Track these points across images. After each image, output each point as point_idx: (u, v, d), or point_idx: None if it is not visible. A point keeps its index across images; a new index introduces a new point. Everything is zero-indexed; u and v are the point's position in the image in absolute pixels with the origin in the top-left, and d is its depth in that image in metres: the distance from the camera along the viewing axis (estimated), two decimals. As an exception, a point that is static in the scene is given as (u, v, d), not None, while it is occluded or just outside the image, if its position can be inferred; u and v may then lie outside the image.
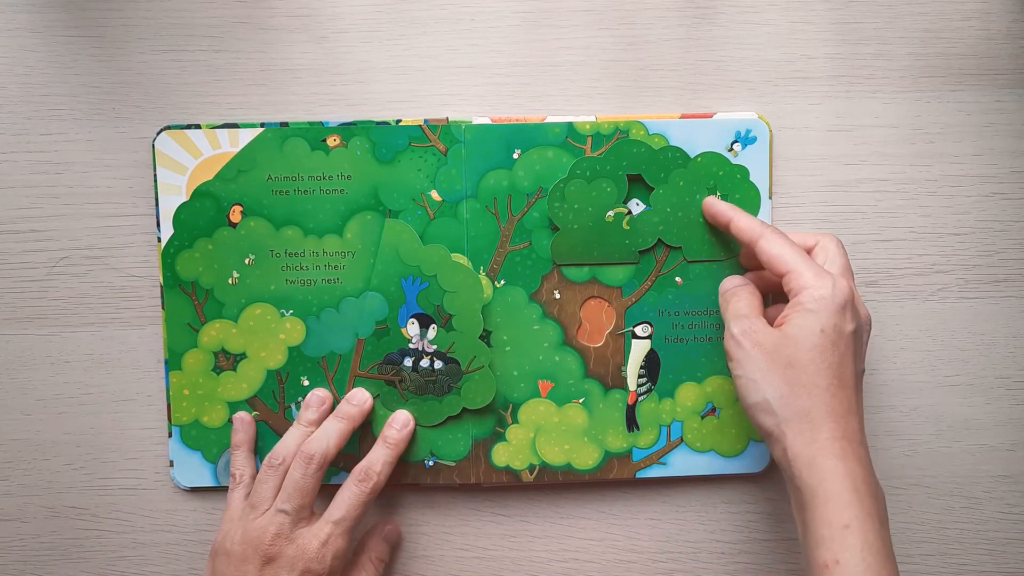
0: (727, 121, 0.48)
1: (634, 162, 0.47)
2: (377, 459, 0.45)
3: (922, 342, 0.49)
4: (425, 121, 0.47)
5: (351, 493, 0.44)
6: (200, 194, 0.47)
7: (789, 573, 0.50)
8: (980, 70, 0.49)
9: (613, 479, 0.49)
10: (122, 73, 0.48)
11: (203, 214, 0.47)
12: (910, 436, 0.50)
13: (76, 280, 0.49)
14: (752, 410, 0.40)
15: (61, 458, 0.49)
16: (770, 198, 0.48)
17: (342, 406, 0.46)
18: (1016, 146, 0.49)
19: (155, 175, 0.47)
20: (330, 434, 0.45)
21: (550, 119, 0.47)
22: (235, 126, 0.47)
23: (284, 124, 0.47)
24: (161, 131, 0.47)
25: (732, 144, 0.47)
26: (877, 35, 0.49)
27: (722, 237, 0.47)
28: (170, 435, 0.48)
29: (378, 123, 0.47)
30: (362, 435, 0.48)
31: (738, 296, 0.44)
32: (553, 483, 0.49)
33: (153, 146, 0.47)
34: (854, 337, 0.40)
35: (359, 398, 0.47)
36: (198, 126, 0.47)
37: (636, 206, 0.47)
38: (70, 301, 0.49)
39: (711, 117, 0.48)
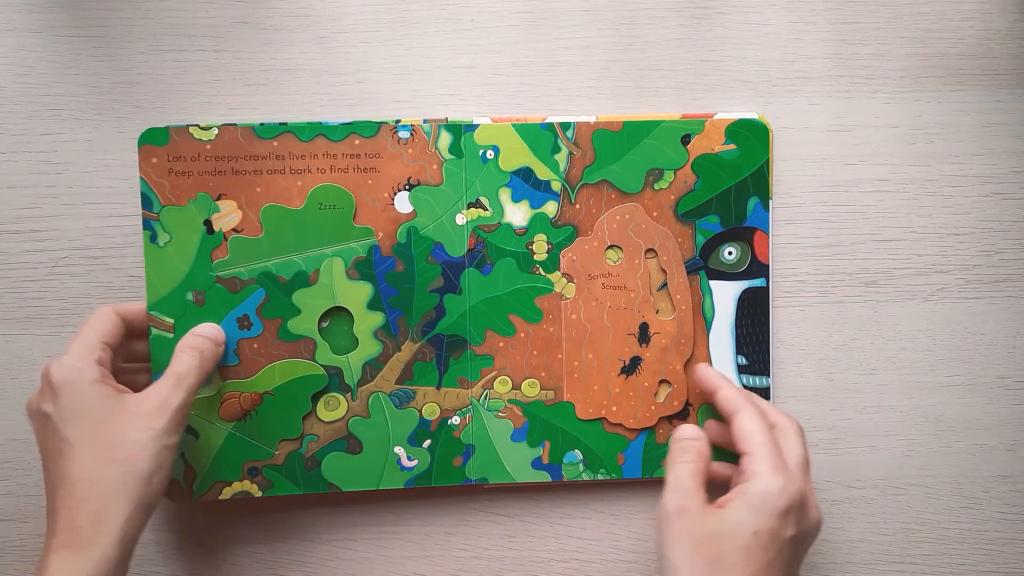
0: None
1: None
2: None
3: (922, 342, 0.50)
4: (425, 121, 0.47)
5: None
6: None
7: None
8: (980, 70, 0.49)
9: (606, 481, 0.49)
10: (122, 73, 0.49)
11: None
12: (910, 436, 0.50)
13: (76, 280, 0.49)
14: None
15: (61, 458, 0.49)
16: (770, 198, 0.48)
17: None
18: (1016, 146, 0.49)
19: (140, 175, 0.46)
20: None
21: (550, 119, 0.48)
22: (235, 126, 0.47)
23: (284, 124, 0.47)
24: (147, 130, 0.46)
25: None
26: (877, 35, 0.49)
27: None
28: (170, 435, 0.48)
29: (378, 123, 0.47)
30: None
31: (685, 459, 0.42)
32: (547, 484, 0.49)
33: (138, 144, 0.46)
34: (792, 543, 0.39)
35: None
36: (198, 126, 0.47)
37: None
38: (70, 301, 0.49)
39: (712, 117, 0.48)
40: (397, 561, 0.50)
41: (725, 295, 0.49)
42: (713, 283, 0.48)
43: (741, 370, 0.49)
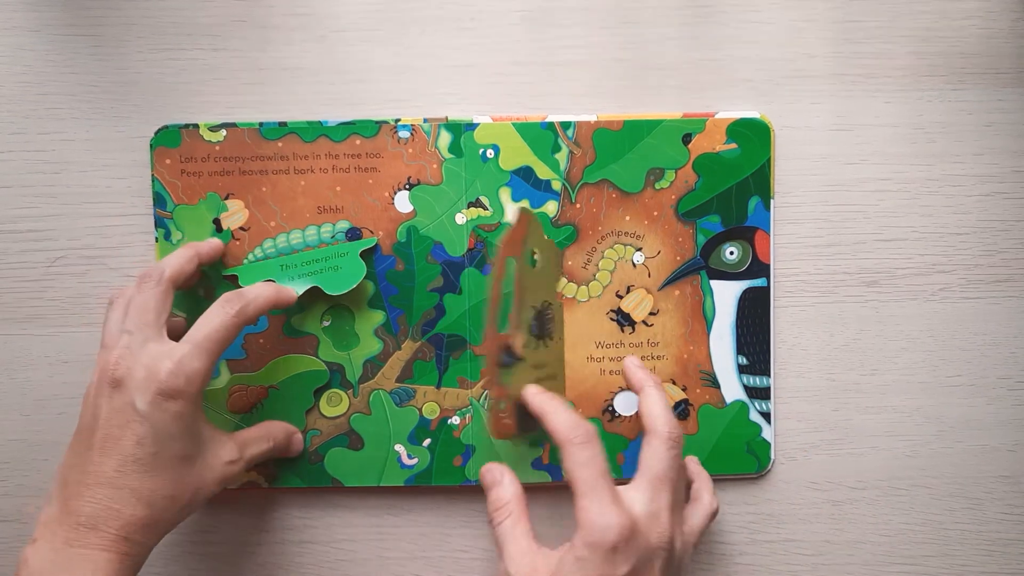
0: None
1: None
2: (253, 289, 0.44)
3: (923, 342, 0.51)
4: (425, 120, 0.48)
5: (214, 314, 0.42)
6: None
7: (789, 575, 0.51)
8: (982, 69, 0.50)
9: None
10: (120, 72, 0.49)
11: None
12: (911, 436, 0.51)
13: (74, 280, 0.50)
14: None
15: (60, 459, 0.50)
16: (772, 198, 0.49)
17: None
18: (1018, 145, 0.50)
19: (153, 175, 0.48)
20: (175, 255, 0.44)
21: (550, 118, 0.48)
22: (234, 126, 0.48)
23: (283, 124, 0.48)
24: (159, 131, 0.48)
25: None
26: (878, 34, 0.50)
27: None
28: (169, 435, 0.49)
29: (378, 123, 0.48)
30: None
31: (501, 518, 0.42)
32: (547, 484, 0.50)
33: (151, 145, 0.48)
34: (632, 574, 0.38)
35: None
36: (196, 126, 0.48)
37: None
38: (68, 301, 0.50)
39: (713, 116, 0.49)
40: (397, 561, 0.51)
41: (726, 295, 0.49)
42: (714, 283, 0.49)
43: (742, 370, 0.49)
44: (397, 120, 0.48)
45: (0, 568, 0.51)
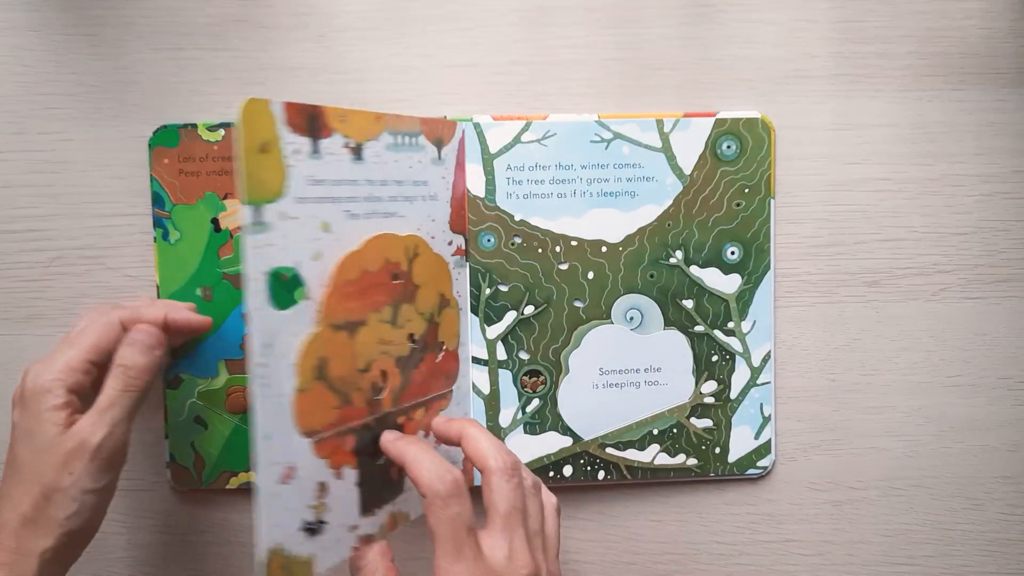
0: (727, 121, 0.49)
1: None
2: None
3: (924, 342, 0.51)
4: (424, 120, 0.49)
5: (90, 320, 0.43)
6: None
7: (789, 575, 0.52)
8: (982, 69, 0.51)
9: (606, 483, 0.51)
10: (120, 72, 0.50)
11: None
12: (912, 436, 0.52)
13: (73, 280, 0.50)
14: None
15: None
16: (772, 198, 0.50)
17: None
18: (1018, 145, 0.51)
19: (151, 174, 0.49)
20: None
21: (551, 118, 0.49)
22: (232, 125, 0.49)
23: (283, 123, 0.49)
24: (158, 130, 0.48)
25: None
26: (879, 34, 0.51)
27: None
28: (167, 436, 0.50)
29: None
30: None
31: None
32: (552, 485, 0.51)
33: (149, 145, 0.49)
34: None
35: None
36: (195, 125, 0.49)
37: None
38: (67, 301, 0.50)
39: (713, 116, 0.49)
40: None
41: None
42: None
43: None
44: (397, 120, 0.49)
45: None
